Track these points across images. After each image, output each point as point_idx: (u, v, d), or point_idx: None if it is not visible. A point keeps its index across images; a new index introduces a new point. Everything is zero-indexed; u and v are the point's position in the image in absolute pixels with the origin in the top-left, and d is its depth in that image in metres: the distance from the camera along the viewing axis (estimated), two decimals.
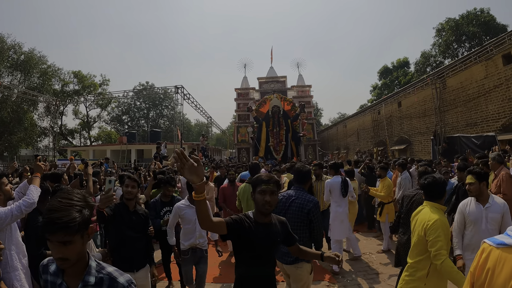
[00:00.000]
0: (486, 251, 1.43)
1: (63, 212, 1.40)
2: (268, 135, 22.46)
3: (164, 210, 4.94)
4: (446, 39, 34.98)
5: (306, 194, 3.72)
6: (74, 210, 1.44)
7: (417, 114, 21.91)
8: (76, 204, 1.46)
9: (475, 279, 1.45)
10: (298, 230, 3.53)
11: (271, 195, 2.32)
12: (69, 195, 1.48)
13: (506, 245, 1.34)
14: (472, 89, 16.46)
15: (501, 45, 14.49)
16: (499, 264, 1.34)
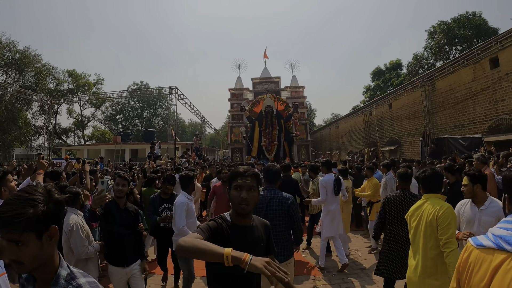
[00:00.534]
0: (468, 250, 1.51)
1: (13, 206, 1.21)
2: (260, 135, 22.48)
3: (163, 206, 4.96)
4: (437, 42, 35.46)
5: (282, 192, 3.78)
6: (28, 204, 1.24)
7: (407, 116, 22.33)
8: (33, 198, 1.26)
9: (459, 275, 1.53)
10: (280, 228, 3.64)
11: (248, 191, 1.95)
12: (32, 189, 1.30)
13: (484, 246, 1.41)
14: (460, 91, 16.88)
15: (489, 49, 14.91)
16: (477, 263, 1.42)
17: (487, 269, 1.35)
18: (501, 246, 1.33)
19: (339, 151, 34.01)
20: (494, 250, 1.37)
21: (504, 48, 14.01)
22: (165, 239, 4.90)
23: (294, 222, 3.72)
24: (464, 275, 1.47)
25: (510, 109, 13.91)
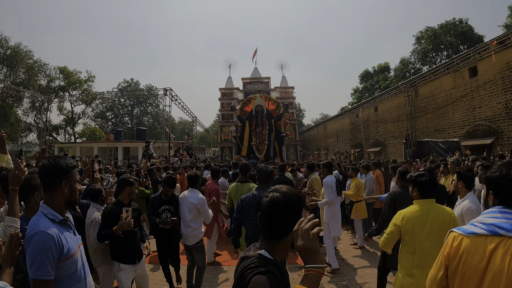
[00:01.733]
0: (457, 239, 1.66)
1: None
2: (251, 134, 22.33)
3: (163, 208, 4.79)
4: (423, 47, 36.42)
5: None
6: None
7: (391, 119, 23.26)
8: None
9: (449, 262, 1.67)
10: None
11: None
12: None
13: (477, 234, 1.59)
14: (441, 98, 17.82)
15: (467, 59, 15.84)
16: (471, 250, 1.58)
17: (483, 253, 1.54)
18: (495, 232, 1.53)
19: (327, 151, 34.85)
20: (487, 236, 1.56)
21: (483, 59, 14.95)
22: (164, 241, 4.88)
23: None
24: (455, 262, 1.63)
25: (486, 116, 14.85)
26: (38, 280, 1.82)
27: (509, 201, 1.58)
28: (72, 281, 1.99)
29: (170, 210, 4.77)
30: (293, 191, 1.57)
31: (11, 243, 2.03)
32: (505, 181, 1.59)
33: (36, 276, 1.81)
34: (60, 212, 2.02)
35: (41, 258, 1.82)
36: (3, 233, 2.31)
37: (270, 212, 1.51)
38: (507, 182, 1.58)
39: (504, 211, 1.57)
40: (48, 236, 1.86)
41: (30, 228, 1.90)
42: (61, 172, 2.02)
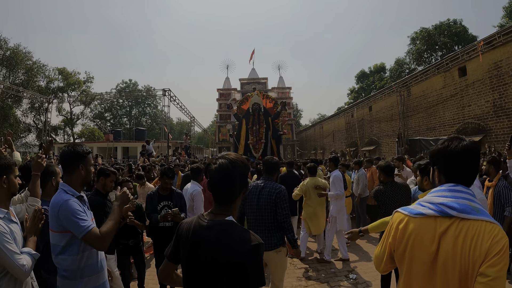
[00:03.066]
0: (403, 221, 1.53)
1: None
2: (248, 132, 21.83)
3: (162, 204, 4.54)
4: (418, 48, 36.89)
5: (274, 183, 3.87)
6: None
7: (385, 118, 23.77)
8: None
9: (395, 247, 1.56)
10: (268, 216, 3.75)
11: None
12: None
13: (424, 215, 1.46)
14: (432, 97, 18.33)
15: (457, 59, 16.32)
16: (419, 232, 1.46)
17: (433, 236, 1.43)
18: (445, 212, 1.41)
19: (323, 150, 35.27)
20: (436, 217, 1.44)
21: (471, 59, 15.44)
22: (164, 240, 4.43)
23: (278, 211, 3.72)
24: (401, 246, 1.52)
25: (475, 114, 15.34)
26: (85, 235, 2.21)
27: (454, 175, 1.49)
28: (86, 246, 2.37)
29: (170, 206, 4.48)
30: (239, 158, 1.68)
31: (35, 217, 2.46)
32: (446, 153, 1.51)
33: (82, 232, 2.20)
34: (77, 190, 2.44)
35: (75, 218, 2.22)
36: (26, 212, 2.74)
37: (219, 177, 1.61)
38: (448, 153, 1.50)
39: (453, 189, 1.46)
40: (72, 202, 2.28)
41: (55, 202, 2.31)
42: (79, 157, 2.42)
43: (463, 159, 1.48)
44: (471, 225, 1.38)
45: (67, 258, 2.31)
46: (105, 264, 2.61)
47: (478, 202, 1.46)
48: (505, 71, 13.43)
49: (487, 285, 1.31)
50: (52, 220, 2.35)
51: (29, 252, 2.26)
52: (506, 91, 13.48)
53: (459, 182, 1.48)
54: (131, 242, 4.40)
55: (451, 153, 1.49)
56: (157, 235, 4.55)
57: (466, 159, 1.48)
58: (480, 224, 1.38)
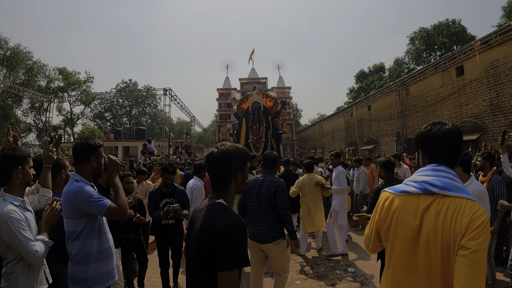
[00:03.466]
0: (388, 199, 1.62)
1: None
2: (247, 131, 21.80)
3: (164, 201, 4.57)
4: (417, 48, 37.04)
5: (273, 177, 3.98)
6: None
7: (384, 117, 23.94)
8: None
9: (380, 223, 1.64)
10: (267, 209, 3.85)
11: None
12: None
13: (408, 192, 1.55)
14: (430, 96, 18.50)
15: (454, 59, 16.49)
16: (403, 209, 1.54)
17: (416, 212, 1.50)
18: (428, 189, 1.50)
19: (323, 150, 35.39)
20: (419, 194, 1.52)
21: (468, 58, 15.59)
22: (167, 238, 4.63)
23: (277, 204, 3.82)
24: (386, 223, 1.60)
25: (472, 113, 15.50)
26: (107, 211, 2.42)
27: (436, 157, 1.58)
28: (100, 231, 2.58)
29: (172, 203, 4.50)
30: (231, 146, 1.75)
31: (53, 207, 2.62)
32: (428, 136, 1.59)
33: (104, 209, 2.41)
34: (88, 181, 2.59)
35: (93, 199, 2.40)
36: (38, 202, 2.89)
37: (210, 164, 1.74)
38: (430, 137, 1.58)
39: (436, 168, 1.54)
40: (87, 187, 2.45)
41: (69, 190, 2.47)
42: (91, 149, 2.59)
43: (444, 142, 1.56)
44: (452, 202, 1.45)
45: (82, 243, 2.47)
46: (114, 251, 2.77)
47: (460, 181, 1.52)
48: (502, 70, 13.58)
49: (467, 257, 1.36)
50: (66, 209, 2.50)
51: (43, 240, 2.40)
52: (503, 90, 13.63)
53: (441, 163, 1.55)
54: (132, 237, 4.48)
55: (433, 136, 1.57)
56: (160, 232, 4.57)
57: (447, 142, 1.56)
58: (460, 201, 1.44)
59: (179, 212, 4.31)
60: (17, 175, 2.43)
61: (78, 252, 2.48)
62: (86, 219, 2.47)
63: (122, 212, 2.54)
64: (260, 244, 3.83)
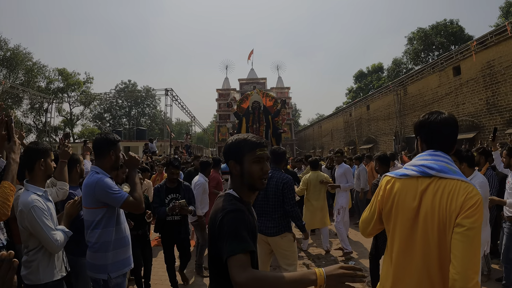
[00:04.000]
0: (390, 182, 1.74)
1: None
2: (247, 131, 21.09)
3: (170, 197, 4.52)
4: (415, 48, 37.25)
5: (282, 173, 4.06)
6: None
7: (382, 117, 24.16)
8: None
9: (383, 205, 1.75)
10: (275, 204, 3.94)
11: (268, 162, 1.70)
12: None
13: (408, 176, 1.67)
14: (428, 96, 18.74)
15: (451, 59, 16.73)
16: (403, 191, 1.66)
17: (415, 194, 1.62)
18: (426, 172, 1.62)
19: (322, 149, 35.54)
20: (418, 177, 1.64)
21: (465, 58, 15.84)
22: (172, 234, 4.56)
23: (285, 200, 3.92)
24: (388, 205, 1.72)
25: (469, 112, 15.72)
26: (123, 203, 2.59)
27: (433, 143, 1.70)
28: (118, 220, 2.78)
29: (178, 198, 4.47)
30: (231, 141, 1.72)
31: (75, 200, 2.84)
32: (426, 124, 1.73)
33: (120, 201, 2.58)
34: (108, 173, 2.78)
35: (111, 191, 2.58)
36: (56, 194, 3.07)
37: (224, 152, 1.75)
38: (428, 124, 1.72)
39: (433, 153, 1.66)
40: (106, 179, 2.64)
41: (89, 181, 2.66)
42: (110, 144, 2.78)
43: (440, 129, 1.69)
44: (448, 183, 1.57)
45: (101, 231, 2.65)
46: (130, 240, 2.95)
47: (455, 165, 1.65)
48: (498, 70, 13.82)
49: (463, 234, 1.47)
50: (86, 199, 2.69)
51: (63, 230, 2.58)
52: (499, 89, 13.86)
53: (438, 149, 1.68)
54: (140, 232, 4.47)
55: (430, 124, 1.71)
56: (165, 229, 4.53)
57: (443, 129, 1.70)
58: (456, 182, 1.56)
59: (185, 208, 4.29)
60: (40, 168, 2.60)
61: (98, 240, 2.65)
62: (104, 209, 2.64)
63: (138, 205, 2.67)
64: (266, 237, 3.91)
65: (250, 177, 1.63)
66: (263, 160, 1.65)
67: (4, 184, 2.09)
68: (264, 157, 1.64)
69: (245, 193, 1.68)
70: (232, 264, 1.37)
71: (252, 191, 1.70)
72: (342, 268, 1.34)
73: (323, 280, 1.31)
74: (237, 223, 1.48)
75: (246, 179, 1.64)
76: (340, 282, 1.32)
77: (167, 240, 4.61)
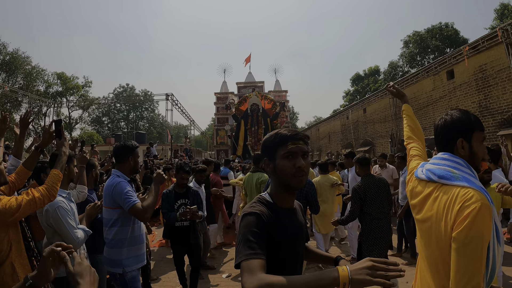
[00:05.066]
0: (411, 180, 1.79)
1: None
2: (246, 133, 21.94)
3: (179, 202, 4.44)
4: (411, 51, 37.66)
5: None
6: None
7: (379, 120, 24.55)
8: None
9: (410, 200, 1.77)
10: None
11: (303, 157, 1.50)
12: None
13: (419, 178, 1.69)
14: (423, 99, 19.16)
15: (445, 63, 17.13)
16: (413, 191, 1.71)
17: (421, 197, 1.62)
18: (430, 178, 1.57)
19: (320, 152, 35.86)
20: (427, 182, 1.61)
21: (458, 63, 16.23)
22: (181, 240, 4.45)
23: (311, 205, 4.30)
24: (411, 200, 1.73)
25: None
26: (131, 208, 2.83)
27: (438, 145, 1.69)
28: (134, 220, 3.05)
29: (187, 204, 4.41)
30: (273, 131, 1.59)
31: (97, 205, 3.15)
32: (434, 129, 1.72)
33: (128, 206, 2.82)
34: (127, 176, 3.09)
35: (124, 195, 2.85)
36: (76, 196, 3.37)
37: (260, 150, 1.71)
38: (435, 129, 1.71)
39: (440, 157, 1.60)
40: (124, 183, 2.95)
41: (110, 183, 2.97)
42: (129, 150, 3.08)
43: (440, 131, 1.67)
44: (447, 190, 1.47)
45: (118, 229, 2.95)
46: (144, 239, 3.23)
47: (465, 170, 1.51)
48: (490, 74, 14.21)
49: (457, 251, 1.33)
50: (106, 198, 3.01)
51: (84, 229, 2.88)
52: (491, 93, 14.25)
53: (444, 151, 1.63)
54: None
55: (436, 128, 1.71)
56: (174, 235, 4.45)
57: (442, 131, 1.65)
58: (455, 190, 1.44)
59: (196, 214, 4.21)
60: (64, 172, 2.92)
61: (114, 237, 2.95)
62: (120, 209, 2.93)
63: (143, 214, 2.87)
64: None
65: (282, 175, 1.49)
66: (296, 154, 1.47)
67: (54, 172, 2.46)
68: (296, 151, 1.47)
69: (280, 195, 1.55)
70: (242, 269, 1.28)
71: (289, 193, 1.56)
72: (372, 261, 1.15)
73: (347, 277, 1.11)
74: (245, 229, 1.39)
75: (280, 177, 1.51)
76: (370, 276, 1.11)
77: (177, 247, 4.51)
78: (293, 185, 1.48)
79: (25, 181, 2.82)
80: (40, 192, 2.29)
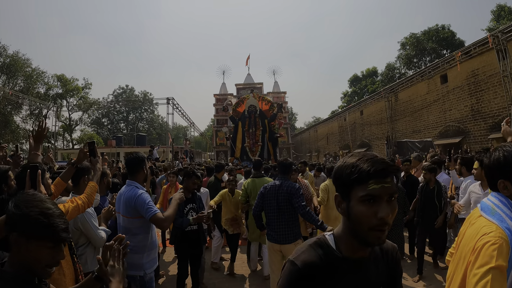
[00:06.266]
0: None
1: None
2: (244, 135, 21.69)
3: (188, 208, 4.41)
4: (407, 53, 37.97)
5: (290, 182, 4.20)
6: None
7: (375, 122, 25.04)
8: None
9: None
10: (287, 212, 4.08)
11: (390, 203, 1.07)
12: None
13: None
14: (417, 102, 19.62)
15: (438, 68, 17.59)
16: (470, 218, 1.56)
17: (466, 223, 1.57)
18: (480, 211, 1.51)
19: (318, 153, 36.21)
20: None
21: (451, 67, 16.67)
22: (190, 245, 4.40)
23: (295, 206, 4.03)
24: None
25: (455, 118, 16.56)
26: (152, 217, 3.09)
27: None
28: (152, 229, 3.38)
29: (195, 209, 4.41)
30: (349, 159, 1.12)
31: (111, 209, 3.48)
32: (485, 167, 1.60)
33: (150, 215, 3.10)
34: (142, 185, 3.42)
35: (147, 205, 3.13)
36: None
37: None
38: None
39: (491, 193, 1.53)
40: (145, 195, 3.24)
41: (131, 195, 3.22)
42: (142, 161, 3.42)
43: (486, 168, 1.59)
44: (477, 222, 1.43)
45: (142, 236, 3.26)
46: (157, 243, 3.58)
47: (503, 208, 1.42)
48: (482, 79, 14.67)
49: (470, 284, 1.24)
50: (126, 209, 3.28)
51: (104, 229, 3.27)
52: (482, 97, 14.71)
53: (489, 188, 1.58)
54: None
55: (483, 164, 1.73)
56: (182, 240, 4.39)
57: (490, 170, 1.54)
58: (483, 221, 1.39)
59: (210, 218, 4.31)
60: (84, 182, 3.29)
61: (137, 243, 3.22)
62: (141, 219, 3.21)
63: (162, 223, 3.12)
64: (280, 245, 4.06)
65: (356, 223, 1.09)
66: (380, 199, 1.05)
67: (91, 184, 2.96)
68: (381, 195, 1.04)
69: (349, 243, 1.15)
70: None
71: (362, 245, 1.13)
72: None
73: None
74: (281, 282, 1.14)
75: (353, 225, 1.11)
76: None
77: (184, 252, 4.46)
78: (370, 240, 1.08)
79: (61, 192, 3.19)
80: (82, 200, 2.73)
